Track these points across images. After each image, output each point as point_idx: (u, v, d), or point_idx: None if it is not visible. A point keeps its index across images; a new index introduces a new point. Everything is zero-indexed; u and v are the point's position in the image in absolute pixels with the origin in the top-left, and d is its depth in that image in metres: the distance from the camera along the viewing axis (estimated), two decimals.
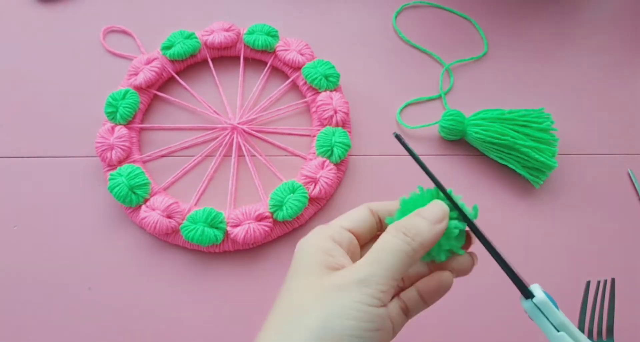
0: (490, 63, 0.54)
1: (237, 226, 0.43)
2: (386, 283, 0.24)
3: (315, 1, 0.57)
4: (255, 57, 0.52)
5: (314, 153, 0.46)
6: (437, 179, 0.27)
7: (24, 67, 0.52)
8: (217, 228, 0.43)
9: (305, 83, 0.50)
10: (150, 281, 0.43)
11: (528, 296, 0.26)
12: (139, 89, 0.49)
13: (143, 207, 0.43)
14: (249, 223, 0.42)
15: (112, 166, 0.46)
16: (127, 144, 0.46)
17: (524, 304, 0.27)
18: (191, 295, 0.42)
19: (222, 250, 0.44)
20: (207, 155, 0.48)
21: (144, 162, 0.47)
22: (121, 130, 0.46)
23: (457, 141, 0.49)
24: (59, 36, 0.53)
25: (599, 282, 0.42)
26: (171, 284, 0.43)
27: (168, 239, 0.44)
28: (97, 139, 0.46)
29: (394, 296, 0.29)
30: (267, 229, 0.43)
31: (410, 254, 0.25)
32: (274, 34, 0.51)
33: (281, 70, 0.52)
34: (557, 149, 0.46)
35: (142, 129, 0.49)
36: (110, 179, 0.44)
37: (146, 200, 0.44)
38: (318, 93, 0.49)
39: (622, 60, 0.55)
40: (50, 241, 0.44)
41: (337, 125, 0.47)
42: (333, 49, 0.53)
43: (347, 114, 0.48)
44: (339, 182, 0.47)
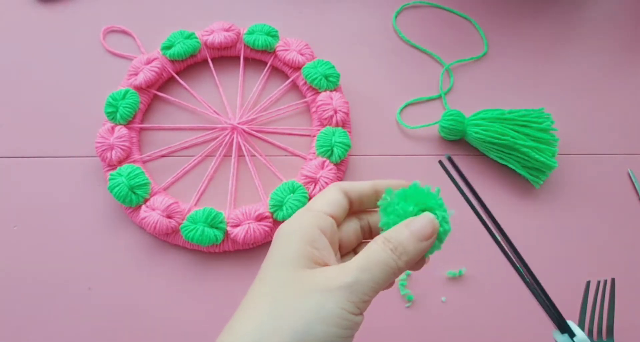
0: (490, 63, 0.54)
1: (237, 226, 0.43)
2: (369, 293, 0.24)
3: (315, 1, 0.57)
4: (255, 57, 0.52)
5: (314, 153, 0.46)
6: (480, 212, 0.26)
7: (23, 67, 0.52)
8: (217, 228, 0.43)
9: (305, 83, 0.50)
10: (150, 281, 0.43)
11: (565, 331, 0.26)
12: (139, 89, 0.49)
13: (143, 207, 0.43)
14: (249, 223, 0.43)
15: (112, 166, 0.46)
16: (127, 144, 0.46)
17: (559, 338, 0.27)
18: (191, 295, 0.42)
19: (222, 250, 0.44)
20: (207, 155, 0.48)
21: (144, 162, 0.47)
22: (121, 130, 0.46)
23: (457, 141, 0.49)
24: (59, 36, 0.53)
25: (599, 282, 0.42)
26: (171, 284, 0.43)
27: (168, 239, 0.44)
28: (97, 139, 0.46)
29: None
30: (267, 229, 0.43)
31: (396, 271, 0.25)
32: (274, 34, 0.51)
33: (281, 70, 0.52)
34: (557, 149, 0.46)
35: (142, 129, 0.49)
36: (110, 179, 0.44)
37: (146, 200, 0.44)
38: (318, 93, 0.49)
39: (622, 60, 0.55)
40: (50, 241, 0.44)
41: (337, 125, 0.47)
42: (333, 49, 0.53)
43: (347, 114, 0.48)
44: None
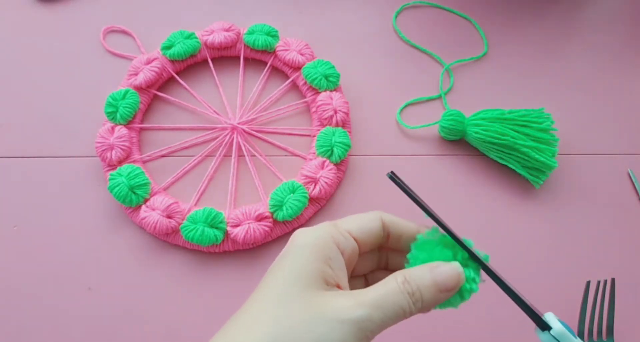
0: (490, 63, 0.54)
1: (237, 226, 0.43)
2: (376, 331, 0.23)
3: (315, 1, 0.57)
4: (255, 57, 0.52)
5: (314, 153, 0.46)
6: (447, 227, 0.25)
7: (23, 67, 0.52)
8: (217, 228, 0.43)
9: (305, 83, 0.50)
10: (150, 281, 0.43)
11: (544, 327, 0.26)
12: (139, 89, 0.49)
13: (143, 207, 0.43)
14: (249, 223, 0.43)
15: (112, 166, 0.46)
16: (127, 144, 0.46)
17: (541, 336, 0.26)
18: (191, 295, 0.42)
19: (222, 250, 0.44)
20: (207, 155, 0.48)
21: (144, 162, 0.47)
22: (121, 130, 0.46)
23: (457, 141, 0.49)
24: (59, 36, 0.53)
25: (599, 282, 0.42)
26: (171, 284, 0.43)
27: (168, 239, 0.44)
28: (97, 139, 0.46)
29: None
30: (267, 229, 0.43)
31: (407, 315, 0.24)
32: (274, 34, 0.51)
33: (281, 70, 0.52)
34: (557, 149, 0.46)
35: (142, 129, 0.49)
36: (110, 179, 0.44)
37: (146, 200, 0.44)
38: (318, 93, 0.49)
39: (623, 60, 0.55)
40: (50, 241, 0.44)
41: (337, 125, 0.47)
42: (333, 49, 0.53)
43: (347, 114, 0.48)
44: (339, 182, 0.47)
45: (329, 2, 0.57)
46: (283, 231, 0.44)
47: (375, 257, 0.29)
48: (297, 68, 0.50)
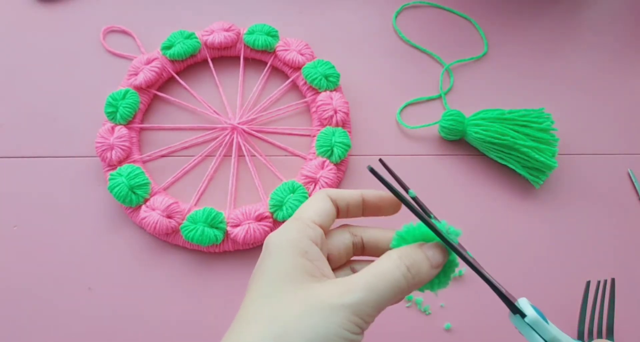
0: (490, 63, 0.54)
1: (237, 226, 0.43)
2: (374, 314, 0.23)
3: (315, 1, 0.57)
4: (255, 57, 0.52)
5: (314, 153, 0.46)
6: (418, 210, 0.25)
7: (23, 67, 0.52)
8: (217, 228, 0.43)
9: (305, 83, 0.50)
10: (150, 281, 0.43)
11: (516, 312, 0.26)
12: (139, 89, 0.49)
13: (143, 207, 0.43)
14: (249, 223, 0.43)
15: (112, 166, 0.46)
16: (127, 144, 0.46)
17: (513, 320, 0.26)
18: (191, 295, 0.42)
19: (222, 250, 0.44)
20: (207, 155, 0.48)
21: (144, 162, 0.47)
22: (121, 130, 0.46)
23: (457, 141, 0.49)
24: (59, 36, 0.53)
25: (599, 282, 0.42)
26: (171, 284, 0.43)
27: (168, 239, 0.44)
28: (97, 139, 0.46)
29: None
30: (267, 229, 0.43)
31: (404, 291, 0.24)
32: (274, 34, 0.51)
33: (281, 70, 0.52)
34: (557, 149, 0.46)
35: (142, 129, 0.49)
36: (110, 179, 0.44)
37: (146, 200, 0.44)
38: (318, 93, 0.49)
39: (623, 60, 0.55)
40: (50, 241, 0.44)
41: (337, 125, 0.47)
42: (333, 49, 0.53)
43: (347, 114, 0.48)
44: (339, 182, 0.47)
45: (329, 2, 0.57)
46: None
47: (346, 238, 0.29)
48: (297, 68, 0.50)
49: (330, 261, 0.28)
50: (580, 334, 0.41)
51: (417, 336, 0.41)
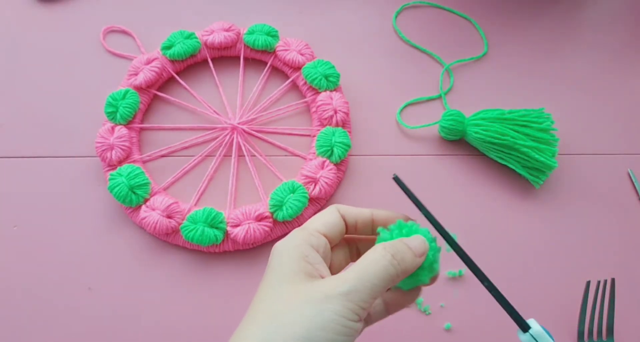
0: (490, 63, 0.54)
1: (237, 226, 0.43)
2: (367, 300, 0.25)
3: (315, 1, 0.57)
4: (255, 57, 0.52)
5: (314, 153, 0.46)
6: (439, 224, 0.28)
7: (24, 67, 0.52)
8: (217, 228, 0.43)
9: (305, 83, 0.50)
10: (150, 281, 0.43)
11: (525, 329, 0.27)
12: (139, 89, 0.49)
13: (143, 207, 0.43)
14: (249, 223, 0.43)
15: (112, 166, 0.46)
16: (127, 144, 0.46)
17: (522, 337, 0.28)
18: (191, 295, 0.42)
19: (222, 250, 0.44)
20: (207, 155, 0.48)
21: (144, 162, 0.47)
22: (121, 130, 0.46)
23: (457, 141, 0.49)
24: (59, 36, 0.53)
25: (599, 282, 0.42)
26: (171, 284, 0.43)
27: (168, 239, 0.44)
28: (97, 139, 0.46)
29: None
30: (267, 229, 0.43)
31: (393, 277, 0.26)
32: (274, 34, 0.51)
33: (281, 70, 0.52)
34: (557, 149, 0.46)
35: (142, 129, 0.49)
36: (110, 179, 0.44)
37: (146, 200, 0.44)
38: (318, 93, 0.49)
39: (623, 60, 0.55)
40: (50, 241, 0.44)
41: (337, 125, 0.47)
42: (333, 49, 0.53)
43: (347, 114, 0.48)
44: (339, 182, 0.47)
45: (329, 2, 0.57)
46: (283, 231, 0.44)
47: (346, 251, 0.32)
48: (297, 68, 0.50)
49: (331, 269, 0.30)
50: (580, 334, 0.41)
51: (417, 336, 0.41)
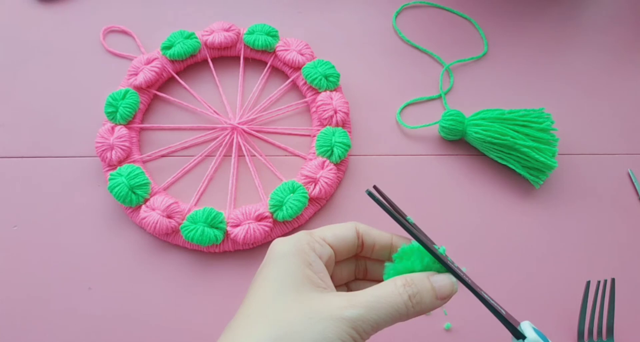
0: (490, 63, 0.54)
1: (237, 226, 0.43)
2: (370, 332, 0.24)
3: (315, 1, 0.57)
4: (255, 57, 0.52)
5: (314, 153, 0.46)
6: (421, 239, 0.26)
7: (23, 67, 0.52)
8: (217, 228, 0.43)
9: (305, 83, 0.50)
10: (150, 281, 0.43)
11: (519, 336, 0.27)
12: (139, 89, 0.49)
13: (143, 207, 0.43)
14: (249, 223, 0.43)
15: (112, 166, 0.46)
16: (127, 144, 0.46)
17: None
18: (191, 295, 0.42)
19: (222, 250, 0.44)
20: (207, 156, 0.48)
21: (144, 162, 0.47)
22: (121, 131, 0.46)
23: (457, 141, 0.49)
24: (59, 36, 0.53)
25: (599, 282, 0.42)
26: (171, 284, 0.43)
27: (168, 239, 0.44)
28: (97, 139, 0.46)
29: None
30: (267, 229, 0.43)
31: (403, 317, 0.25)
32: (274, 34, 0.51)
33: (281, 70, 0.52)
34: (557, 149, 0.46)
35: (142, 129, 0.49)
36: (110, 179, 0.44)
37: (146, 200, 0.44)
38: (318, 93, 0.49)
39: (623, 60, 0.55)
40: (50, 241, 0.44)
41: (337, 125, 0.47)
42: (333, 49, 0.53)
43: (347, 114, 0.48)
44: (339, 182, 0.47)
45: (329, 2, 0.57)
46: (283, 231, 0.44)
47: (352, 266, 0.31)
48: (297, 68, 0.50)
49: (333, 278, 0.29)
50: (580, 334, 0.41)
51: (417, 336, 0.41)
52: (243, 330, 0.25)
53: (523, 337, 0.26)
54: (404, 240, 0.30)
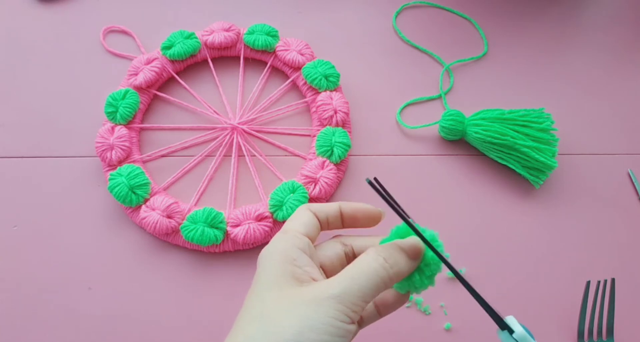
0: (490, 63, 0.54)
1: (237, 226, 0.43)
2: (358, 303, 0.25)
3: (315, 1, 0.57)
4: (255, 57, 0.52)
5: (314, 153, 0.46)
6: (413, 224, 0.27)
7: (24, 67, 0.52)
8: (217, 228, 0.43)
9: (305, 83, 0.50)
10: (150, 281, 0.43)
11: (504, 328, 0.27)
12: (139, 89, 0.49)
13: (143, 207, 0.43)
14: (249, 223, 0.43)
15: (112, 166, 0.46)
16: (127, 144, 0.46)
17: (501, 336, 0.28)
18: (191, 295, 0.42)
19: (222, 250, 0.44)
20: (207, 156, 0.48)
21: (144, 162, 0.47)
22: (121, 130, 0.46)
23: (457, 141, 0.49)
24: (59, 36, 0.53)
25: (599, 282, 0.42)
26: (171, 284, 0.43)
27: (168, 239, 0.44)
28: (97, 139, 0.46)
29: None
30: (267, 229, 0.43)
31: (386, 281, 0.26)
32: (274, 34, 0.51)
33: (281, 70, 0.52)
34: (557, 149, 0.46)
35: (142, 129, 0.49)
36: (110, 179, 0.44)
37: (146, 200, 0.44)
38: (318, 93, 0.49)
39: (623, 60, 0.55)
40: (50, 241, 0.44)
41: (337, 125, 0.47)
42: (333, 49, 0.53)
43: (347, 114, 0.48)
44: (339, 182, 0.47)
45: (329, 2, 0.57)
46: None
47: (341, 254, 0.31)
48: (297, 68, 0.50)
49: (325, 271, 0.30)
50: (580, 334, 0.41)
51: (417, 336, 0.41)
52: (237, 333, 0.25)
53: (511, 331, 0.27)
54: (352, 205, 0.31)
